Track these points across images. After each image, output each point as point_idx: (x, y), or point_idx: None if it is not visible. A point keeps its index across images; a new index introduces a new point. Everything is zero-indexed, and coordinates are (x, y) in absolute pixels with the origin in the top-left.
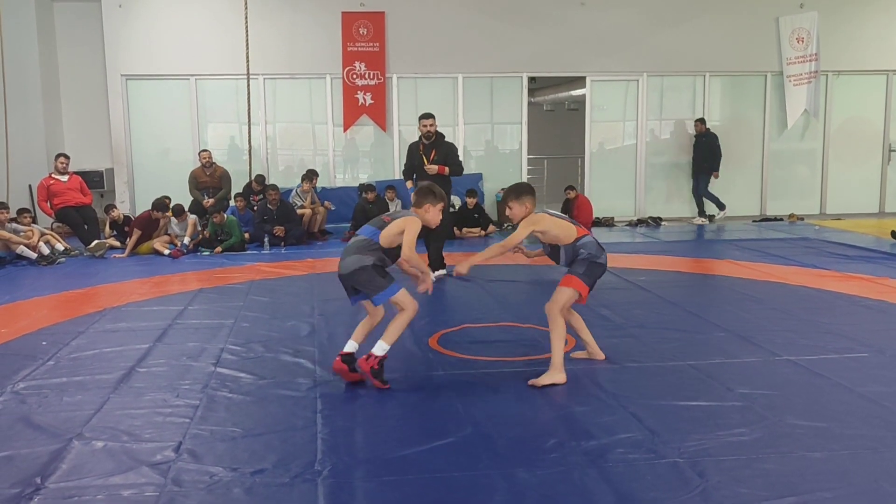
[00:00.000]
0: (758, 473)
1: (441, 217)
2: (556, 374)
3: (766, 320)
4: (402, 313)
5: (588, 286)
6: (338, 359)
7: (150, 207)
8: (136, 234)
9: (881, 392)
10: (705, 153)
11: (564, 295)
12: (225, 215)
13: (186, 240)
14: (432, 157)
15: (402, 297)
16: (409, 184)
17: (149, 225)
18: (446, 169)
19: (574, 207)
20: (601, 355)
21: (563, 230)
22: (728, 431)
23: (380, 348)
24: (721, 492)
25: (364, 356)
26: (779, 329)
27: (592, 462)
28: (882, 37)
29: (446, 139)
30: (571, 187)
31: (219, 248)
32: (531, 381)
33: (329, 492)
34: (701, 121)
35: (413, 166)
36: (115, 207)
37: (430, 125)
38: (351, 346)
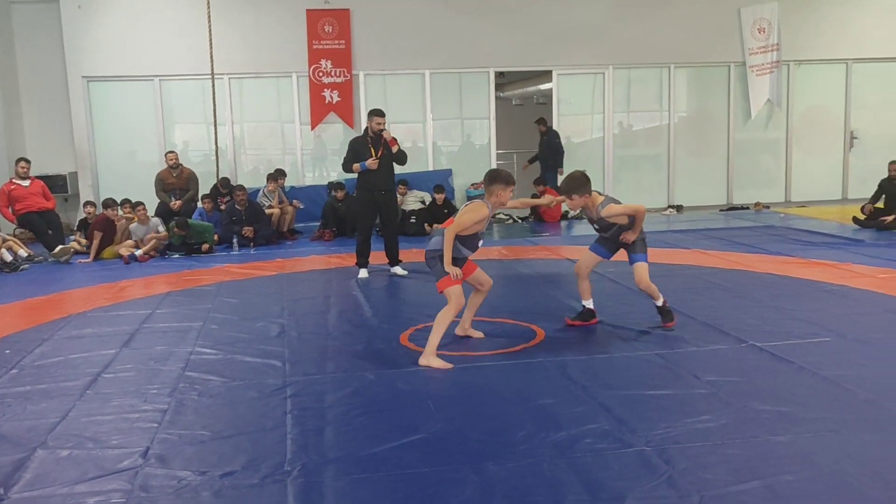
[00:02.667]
0: (723, 459)
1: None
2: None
3: (732, 308)
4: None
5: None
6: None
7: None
8: (98, 236)
9: (843, 375)
10: (549, 151)
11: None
12: (189, 221)
13: (138, 252)
14: (381, 151)
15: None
16: (356, 167)
17: (108, 226)
18: (396, 145)
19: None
20: (478, 334)
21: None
22: (694, 419)
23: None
24: (687, 478)
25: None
26: (745, 316)
27: (561, 453)
28: (841, 25)
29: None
30: (543, 181)
31: (206, 246)
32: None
33: (299, 492)
34: (541, 121)
35: (357, 157)
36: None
37: (383, 123)
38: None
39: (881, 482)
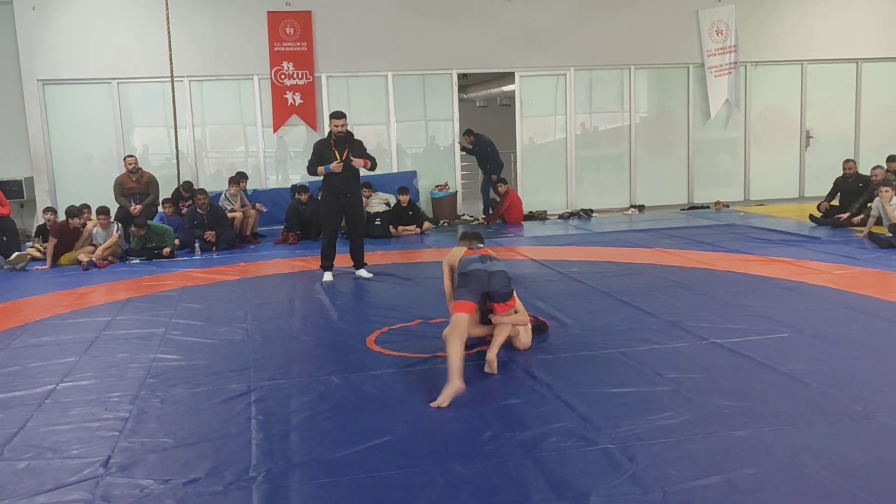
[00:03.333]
0: (685, 455)
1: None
2: None
3: (694, 306)
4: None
5: None
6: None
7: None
8: (52, 242)
9: (801, 370)
10: (484, 159)
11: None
12: (149, 224)
13: (95, 255)
14: (346, 154)
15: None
16: (320, 170)
17: (66, 233)
18: (369, 163)
19: (505, 203)
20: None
21: None
22: (657, 416)
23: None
24: (650, 474)
25: None
26: (706, 314)
27: (527, 452)
28: (797, 27)
29: (354, 137)
30: (503, 181)
31: (167, 250)
32: None
33: (264, 497)
34: (468, 132)
35: (321, 160)
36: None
37: (343, 125)
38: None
39: (838, 473)
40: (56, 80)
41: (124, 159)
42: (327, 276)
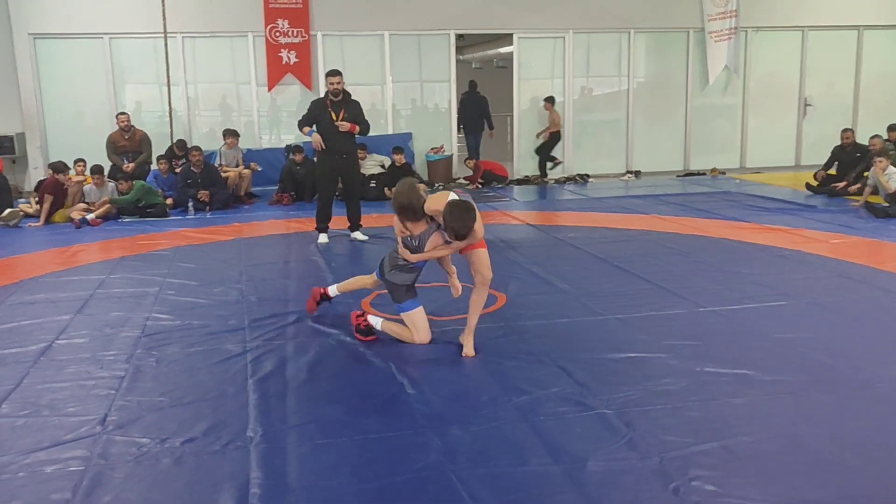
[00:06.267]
0: (682, 421)
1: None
2: None
3: (690, 272)
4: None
5: None
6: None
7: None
8: (48, 199)
9: (798, 338)
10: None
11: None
12: (133, 183)
13: (91, 216)
14: (342, 115)
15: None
16: (305, 130)
17: (58, 189)
18: (357, 127)
19: (478, 174)
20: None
21: None
22: (655, 382)
23: (374, 321)
24: (647, 440)
25: (357, 312)
26: (702, 280)
27: (524, 417)
28: None
29: (352, 97)
30: (470, 159)
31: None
32: None
33: (261, 457)
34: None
35: (314, 120)
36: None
37: (339, 83)
38: (332, 292)
39: (836, 443)
40: (47, 34)
41: (117, 116)
42: (322, 238)
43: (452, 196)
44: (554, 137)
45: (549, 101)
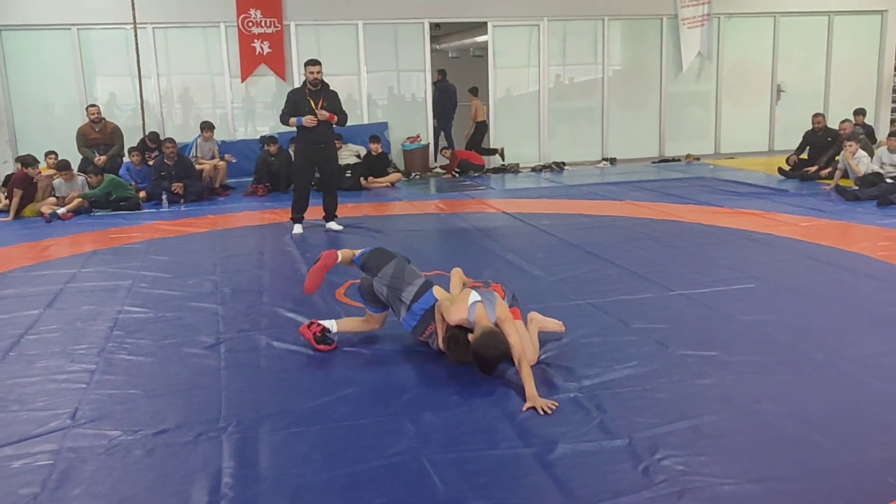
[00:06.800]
0: (651, 402)
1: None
2: None
3: (661, 257)
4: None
5: None
6: (310, 327)
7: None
8: (18, 194)
9: (765, 320)
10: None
11: None
12: (104, 177)
13: (61, 210)
14: (320, 104)
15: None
16: (292, 121)
17: (27, 183)
18: (335, 117)
19: (455, 163)
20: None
21: None
22: (624, 364)
23: (330, 325)
24: (617, 422)
25: (308, 323)
26: (673, 265)
27: (495, 402)
28: None
29: (330, 88)
30: (446, 148)
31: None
32: None
33: (234, 447)
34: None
35: (296, 112)
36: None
37: (318, 72)
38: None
39: (797, 420)
40: (13, 25)
41: (87, 109)
42: (297, 229)
43: (473, 297)
44: (480, 128)
45: (473, 91)
